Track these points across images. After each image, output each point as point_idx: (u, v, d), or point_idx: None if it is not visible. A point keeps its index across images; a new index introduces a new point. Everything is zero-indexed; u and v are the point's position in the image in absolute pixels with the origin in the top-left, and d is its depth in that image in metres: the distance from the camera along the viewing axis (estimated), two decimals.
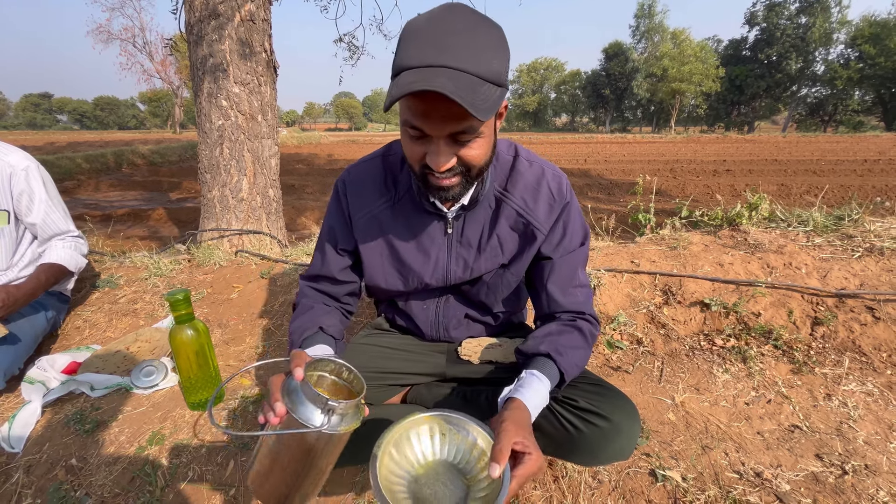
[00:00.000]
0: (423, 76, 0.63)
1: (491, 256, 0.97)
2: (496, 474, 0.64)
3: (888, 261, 1.71)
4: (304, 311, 0.98)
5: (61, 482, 1.12)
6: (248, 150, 2.68)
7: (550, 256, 0.97)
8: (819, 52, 43.19)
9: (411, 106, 0.69)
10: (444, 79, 0.63)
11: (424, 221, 0.95)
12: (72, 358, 1.54)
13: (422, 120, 0.70)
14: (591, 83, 58.21)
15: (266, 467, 0.67)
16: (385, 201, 0.96)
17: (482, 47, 0.66)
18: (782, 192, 7.26)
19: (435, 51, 0.65)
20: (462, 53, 0.65)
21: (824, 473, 1.10)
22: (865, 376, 1.45)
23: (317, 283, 1.04)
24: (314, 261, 1.05)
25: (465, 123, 0.69)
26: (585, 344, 0.93)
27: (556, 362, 0.86)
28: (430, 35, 0.66)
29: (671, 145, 18.89)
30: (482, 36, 0.67)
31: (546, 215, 0.95)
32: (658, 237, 2.12)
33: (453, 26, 0.66)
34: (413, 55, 0.66)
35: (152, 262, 2.22)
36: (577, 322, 0.96)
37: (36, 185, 1.54)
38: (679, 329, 1.68)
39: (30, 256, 1.62)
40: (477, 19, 0.68)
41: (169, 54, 31.92)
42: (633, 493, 1.06)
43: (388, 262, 1.00)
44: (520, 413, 0.75)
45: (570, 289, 0.97)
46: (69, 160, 10.33)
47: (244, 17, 2.55)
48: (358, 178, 0.98)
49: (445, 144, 0.72)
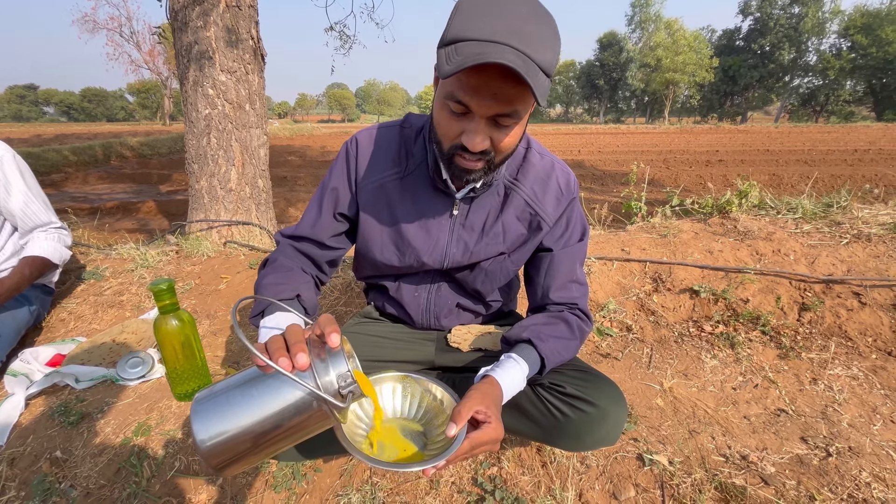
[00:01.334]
0: (491, 49, 0.61)
1: (492, 243, 0.96)
2: (451, 433, 0.67)
3: (875, 247, 1.72)
4: (282, 269, 0.92)
5: (46, 474, 1.10)
6: (235, 139, 2.64)
7: (551, 248, 0.98)
8: (812, 42, 43.36)
9: (464, 79, 0.66)
10: (512, 55, 0.61)
11: (432, 199, 0.93)
12: (56, 350, 1.52)
13: (472, 95, 0.67)
14: (585, 74, 58.04)
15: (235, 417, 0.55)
16: (395, 172, 0.93)
17: (543, 36, 0.65)
18: (774, 181, 7.30)
19: (503, 28, 0.62)
20: (527, 38, 0.63)
21: (809, 456, 1.11)
22: (851, 361, 1.46)
23: (300, 244, 0.99)
24: (304, 220, 0.98)
25: (512, 107, 0.68)
26: (571, 335, 0.93)
27: (536, 348, 0.87)
28: (496, 11, 0.64)
29: (665, 136, 18.92)
30: (543, 23, 0.65)
31: (553, 208, 0.95)
32: (649, 225, 2.12)
33: (519, 9, 0.64)
34: (479, 27, 0.63)
35: (139, 253, 2.19)
36: (564, 314, 0.96)
37: (11, 175, 1.50)
38: (668, 316, 1.69)
39: (11, 248, 1.59)
40: (539, 7, 0.67)
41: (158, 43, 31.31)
42: (620, 477, 1.07)
43: (387, 235, 0.97)
44: (489, 387, 0.77)
45: (566, 283, 0.98)
46: (56, 153, 10.15)
47: (229, 3, 2.50)
48: (373, 143, 0.94)
49: (486, 125, 0.71)
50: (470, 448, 0.69)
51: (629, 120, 56.20)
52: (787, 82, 45.71)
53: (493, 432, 0.71)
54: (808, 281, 1.64)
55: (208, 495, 1.06)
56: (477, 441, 0.69)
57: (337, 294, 1.90)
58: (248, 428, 0.55)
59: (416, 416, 0.80)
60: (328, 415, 0.57)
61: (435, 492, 1.06)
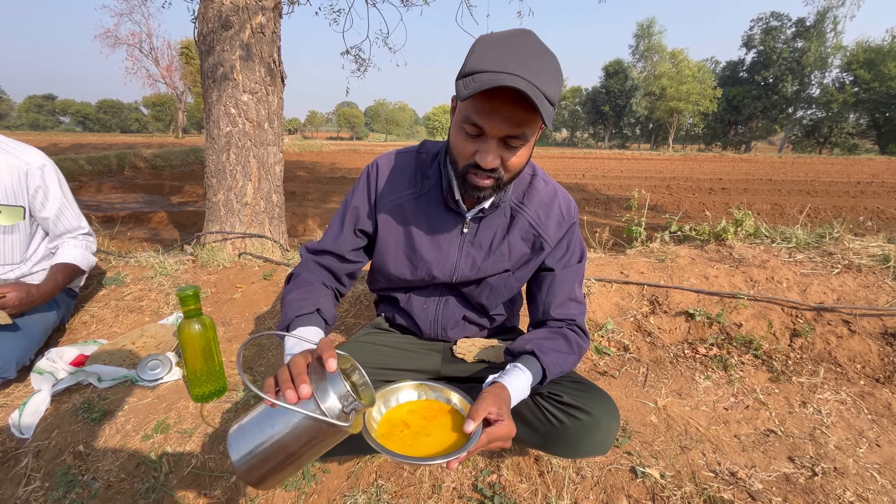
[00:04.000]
0: (506, 77, 0.71)
1: (498, 260, 1.05)
2: (469, 429, 0.74)
3: (865, 277, 1.79)
4: (304, 284, 1.02)
5: (69, 467, 1.17)
6: (253, 156, 2.76)
7: (553, 268, 1.06)
8: (815, 76, 44.04)
9: (479, 104, 0.76)
10: (523, 83, 0.71)
11: (444, 218, 1.03)
12: (79, 351, 1.59)
13: (486, 118, 0.77)
14: (591, 99, 59.03)
15: (260, 441, 0.66)
16: (411, 192, 1.03)
17: (547, 71, 0.75)
18: (776, 210, 7.39)
19: (513, 61, 0.73)
20: (534, 71, 0.73)
21: (795, 474, 1.16)
22: (840, 386, 1.52)
23: (322, 258, 1.08)
24: (327, 235, 1.08)
25: (521, 129, 0.78)
26: (570, 350, 1.00)
27: (538, 359, 0.94)
28: (508, 49, 0.74)
29: (668, 162, 19.14)
30: (548, 62, 0.76)
31: (555, 231, 1.05)
32: (647, 250, 2.20)
33: (528, 48, 0.75)
34: (493, 60, 0.73)
35: (158, 261, 2.28)
36: (563, 329, 1.04)
37: (51, 182, 1.61)
38: (664, 337, 1.75)
39: (43, 251, 1.68)
40: (544, 47, 0.77)
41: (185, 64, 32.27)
42: (613, 488, 1.12)
43: (401, 250, 1.06)
44: (500, 390, 0.84)
45: (565, 301, 1.06)
46: (72, 161, 10.42)
47: (254, 28, 2.66)
48: (392, 166, 1.05)
49: (497, 146, 0.81)
50: (487, 441, 0.76)
51: (633, 146, 56.88)
52: (791, 114, 46.30)
53: (505, 429, 0.78)
54: (799, 308, 1.71)
55: (222, 491, 1.12)
56: (493, 435, 0.76)
57: (347, 306, 1.98)
58: (271, 451, 0.66)
59: None
60: (340, 430, 0.65)
61: (437, 496, 1.11)
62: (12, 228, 1.55)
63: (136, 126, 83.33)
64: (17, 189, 1.54)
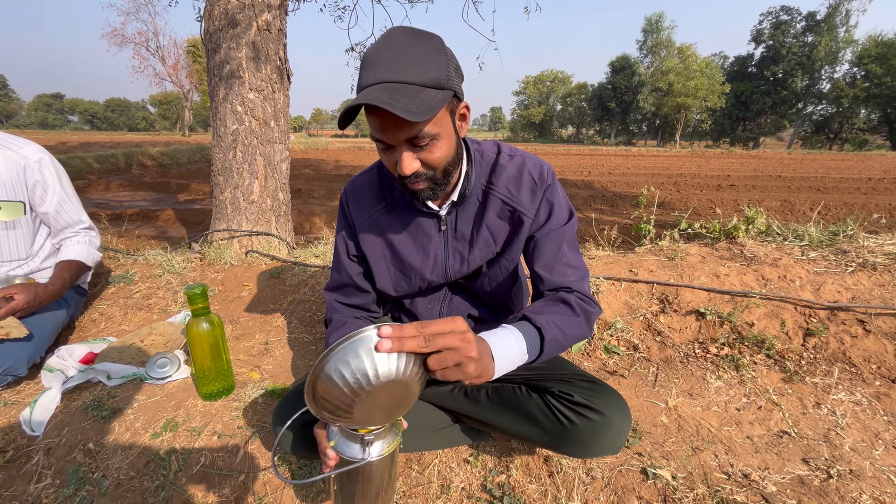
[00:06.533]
0: (364, 94, 0.72)
1: (484, 247, 1.03)
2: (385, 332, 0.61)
3: (880, 276, 1.76)
4: (338, 326, 1.06)
5: (79, 464, 1.17)
6: (260, 154, 2.76)
7: (534, 236, 1.01)
8: (825, 71, 43.42)
9: (370, 121, 0.78)
10: (378, 91, 0.71)
11: (419, 221, 1.02)
12: (89, 348, 1.60)
13: (379, 132, 0.78)
14: (597, 96, 58.60)
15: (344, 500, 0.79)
16: (382, 207, 1.04)
17: (417, 57, 0.74)
18: (786, 207, 7.30)
19: (375, 70, 0.73)
20: (397, 66, 0.73)
21: (810, 477, 1.14)
22: (854, 386, 1.49)
23: (343, 296, 1.12)
24: (333, 273, 1.13)
25: (415, 129, 0.76)
26: (572, 313, 0.92)
27: (530, 320, 0.85)
28: (372, 58, 0.75)
29: (676, 159, 18.97)
30: (416, 48, 0.75)
31: (529, 200, 0.99)
32: (657, 248, 2.18)
33: (389, 45, 0.75)
34: (365, 74, 0.75)
35: (166, 259, 2.29)
36: (560, 294, 0.96)
37: (49, 176, 1.60)
38: (674, 336, 1.73)
39: (49, 248, 1.68)
40: (413, 34, 0.76)
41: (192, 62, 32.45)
42: (624, 490, 1.11)
43: (391, 264, 1.06)
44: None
45: (557, 266, 0.99)
46: (80, 160, 10.52)
47: (261, 26, 2.65)
48: (357, 188, 1.07)
49: (406, 151, 0.80)
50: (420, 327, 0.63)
51: (640, 142, 56.41)
52: (801, 109, 45.71)
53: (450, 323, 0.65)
54: (813, 307, 1.68)
55: (231, 489, 1.12)
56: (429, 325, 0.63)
57: None
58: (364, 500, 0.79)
59: None
60: (378, 462, 0.73)
61: (446, 496, 1.11)
62: (14, 224, 1.55)
63: (144, 124, 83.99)
64: (16, 184, 1.54)
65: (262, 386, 1.47)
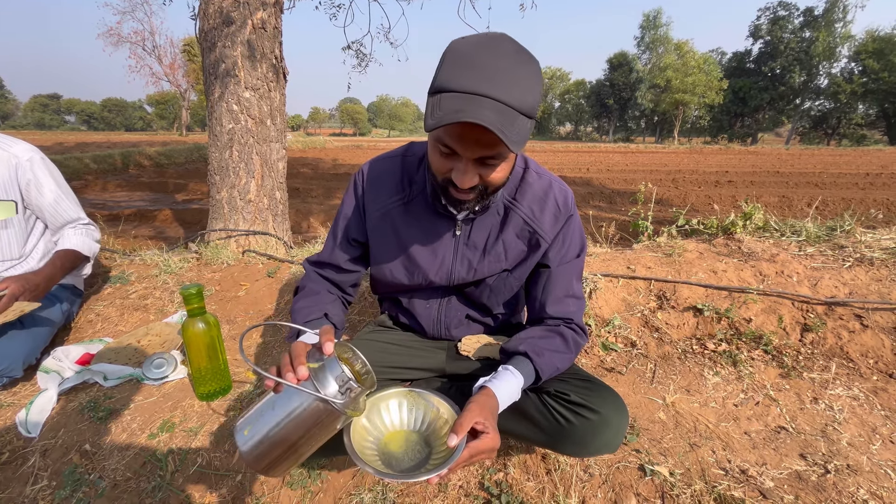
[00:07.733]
0: (469, 104, 0.66)
1: (494, 260, 1.02)
2: (453, 444, 0.73)
3: (877, 271, 1.76)
4: (310, 294, 1.04)
5: (76, 465, 1.17)
6: (256, 153, 2.75)
7: (549, 265, 1.02)
8: (823, 66, 43.44)
9: (448, 128, 0.72)
10: (489, 111, 0.66)
11: (435, 222, 1.00)
12: (85, 349, 1.60)
13: (456, 142, 0.74)
14: (595, 93, 58.58)
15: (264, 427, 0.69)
16: (399, 199, 1.01)
17: (523, 81, 0.69)
18: (784, 203, 7.31)
19: (481, 79, 0.67)
20: (506, 85, 0.67)
21: (807, 472, 1.14)
22: (852, 381, 1.49)
23: (323, 270, 1.10)
24: (325, 247, 1.10)
25: (495, 150, 0.74)
26: (566, 349, 0.98)
27: (532, 361, 0.92)
28: (476, 62, 0.68)
29: (674, 155, 18.98)
30: (524, 69, 0.70)
31: (551, 225, 1.00)
32: (654, 244, 2.17)
33: (498, 57, 0.68)
34: (458, 78, 0.68)
35: (162, 259, 2.28)
36: (560, 328, 1.01)
37: (41, 174, 1.58)
38: (672, 333, 1.73)
39: (43, 248, 1.67)
40: (520, 52, 0.71)
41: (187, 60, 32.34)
42: (622, 486, 1.11)
43: (396, 257, 1.05)
44: (486, 398, 0.82)
45: (563, 298, 1.02)
46: (77, 160, 10.47)
47: (256, 24, 2.64)
48: (377, 173, 1.03)
49: (472, 165, 0.77)
50: (469, 457, 0.74)
51: (638, 139, 56.39)
52: (798, 105, 45.74)
53: (490, 441, 0.76)
54: (810, 302, 1.68)
55: (228, 490, 1.12)
56: (476, 450, 0.75)
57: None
58: (274, 435, 0.68)
59: (421, 428, 0.86)
60: (339, 412, 0.67)
61: (443, 494, 1.11)
62: (6, 223, 1.54)
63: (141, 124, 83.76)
64: (7, 183, 1.52)
65: (259, 386, 1.47)
